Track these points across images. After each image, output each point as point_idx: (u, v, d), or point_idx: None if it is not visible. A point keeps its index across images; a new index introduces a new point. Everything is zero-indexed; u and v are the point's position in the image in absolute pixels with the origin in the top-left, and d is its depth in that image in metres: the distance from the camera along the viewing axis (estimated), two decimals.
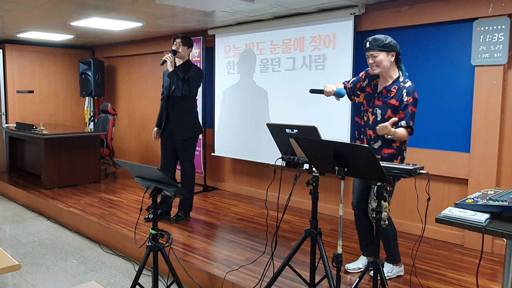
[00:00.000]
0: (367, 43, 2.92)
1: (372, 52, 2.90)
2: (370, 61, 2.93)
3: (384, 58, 2.90)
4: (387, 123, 2.76)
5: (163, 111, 4.43)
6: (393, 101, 2.91)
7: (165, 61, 4.20)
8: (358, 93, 3.14)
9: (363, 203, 3.14)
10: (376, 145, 2.98)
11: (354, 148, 2.17)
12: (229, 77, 5.67)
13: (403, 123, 2.86)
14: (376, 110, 2.97)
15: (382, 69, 2.93)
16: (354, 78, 3.21)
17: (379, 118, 2.95)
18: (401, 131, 2.84)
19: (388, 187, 2.96)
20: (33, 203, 5.66)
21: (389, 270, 3.17)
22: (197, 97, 4.56)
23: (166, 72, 4.42)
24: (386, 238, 3.10)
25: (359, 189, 3.16)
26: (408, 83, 2.92)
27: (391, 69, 2.96)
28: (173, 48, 4.31)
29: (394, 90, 2.92)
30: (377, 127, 2.80)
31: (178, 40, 4.31)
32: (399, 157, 3.00)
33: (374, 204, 2.96)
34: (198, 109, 5.84)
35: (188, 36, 4.40)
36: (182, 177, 4.48)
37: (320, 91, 3.03)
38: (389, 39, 2.91)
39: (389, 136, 2.83)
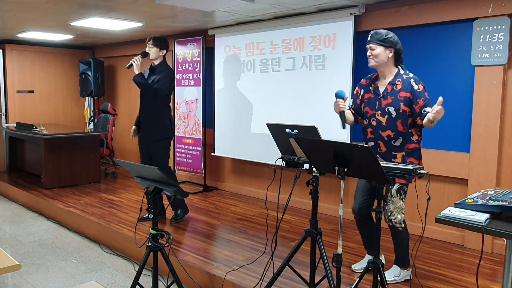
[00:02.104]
0: (369, 36, 2.95)
1: (371, 45, 2.92)
2: (368, 53, 2.95)
3: (382, 52, 2.90)
4: (439, 106, 2.59)
5: (139, 108, 4.45)
6: (403, 94, 2.88)
7: (131, 65, 4.18)
8: (361, 107, 3.10)
9: (366, 209, 3.09)
10: (398, 142, 2.92)
11: (354, 148, 2.17)
12: (229, 77, 5.66)
13: (428, 109, 2.77)
14: (387, 109, 2.91)
15: (377, 62, 2.93)
16: (352, 99, 3.20)
17: (394, 115, 2.89)
18: (439, 110, 2.64)
19: (405, 187, 2.95)
20: (33, 203, 5.66)
21: (397, 274, 3.11)
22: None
23: (146, 71, 4.41)
24: (401, 240, 3.05)
25: (364, 194, 3.10)
26: (411, 74, 2.93)
27: (390, 66, 2.95)
28: (146, 49, 4.29)
29: (399, 83, 2.91)
30: (434, 112, 2.60)
31: (149, 42, 4.28)
32: (419, 159, 2.97)
33: (391, 207, 2.95)
34: (200, 110, 5.90)
35: (161, 37, 4.33)
36: None
37: (342, 117, 2.94)
38: (390, 34, 2.91)
39: (432, 120, 2.65)
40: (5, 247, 4.27)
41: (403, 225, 2.99)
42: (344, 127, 2.97)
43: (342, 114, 2.93)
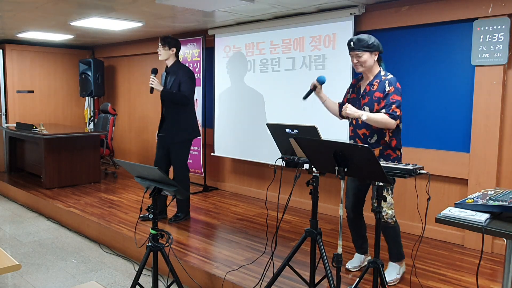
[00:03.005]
0: (351, 43, 2.97)
1: (357, 52, 2.96)
2: (354, 61, 3.00)
3: (368, 58, 2.97)
4: (348, 104, 2.92)
5: (162, 110, 4.47)
6: (377, 94, 2.97)
7: (152, 88, 4.23)
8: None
9: (359, 207, 3.20)
10: (373, 140, 3.00)
11: (354, 148, 2.17)
12: (229, 77, 5.67)
13: (383, 111, 2.91)
14: (363, 108, 3.01)
15: (365, 68, 3.00)
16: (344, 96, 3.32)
17: None
18: (376, 115, 2.89)
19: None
20: (33, 203, 5.66)
21: (398, 272, 3.12)
22: (195, 98, 4.54)
23: (163, 75, 4.43)
24: (394, 235, 3.09)
25: (354, 192, 3.17)
26: (390, 75, 3.00)
27: (373, 67, 3.03)
28: (158, 51, 4.33)
29: (376, 84, 3.00)
30: (344, 107, 2.91)
31: (159, 44, 4.28)
32: (397, 150, 3.02)
33: (383, 204, 2.98)
34: (200, 110, 5.90)
35: (169, 36, 4.32)
36: (174, 179, 4.46)
37: (310, 91, 3.12)
38: (372, 39, 2.97)
39: (362, 118, 2.85)
40: (5, 247, 4.27)
41: (394, 219, 3.06)
42: (304, 98, 3.14)
43: (312, 90, 3.11)
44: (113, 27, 5.71)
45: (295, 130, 2.64)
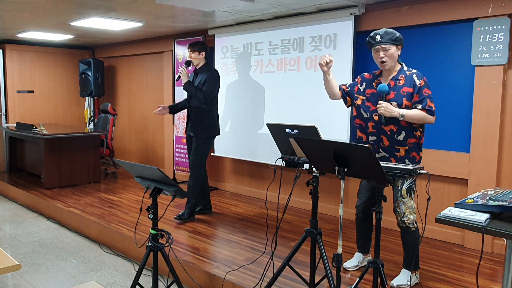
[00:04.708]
0: (378, 37, 2.86)
1: (384, 46, 2.85)
2: (381, 55, 2.86)
3: (395, 52, 2.88)
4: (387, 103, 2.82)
5: (187, 108, 4.63)
6: (405, 89, 2.87)
7: (179, 77, 4.45)
8: (356, 96, 3.09)
9: (370, 207, 3.07)
10: (401, 137, 2.89)
11: (354, 148, 2.17)
12: (229, 77, 5.67)
13: (419, 106, 2.83)
14: (390, 103, 2.87)
15: (391, 63, 2.89)
16: (351, 82, 3.21)
17: None
18: (414, 112, 2.81)
19: (413, 186, 2.91)
20: (33, 203, 5.66)
21: (408, 279, 3.00)
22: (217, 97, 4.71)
23: (191, 75, 4.62)
24: (413, 242, 2.96)
25: (369, 192, 3.11)
26: (414, 70, 2.92)
27: (396, 63, 2.95)
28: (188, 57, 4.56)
29: (403, 79, 2.90)
30: (379, 106, 2.80)
31: (188, 50, 4.50)
32: (420, 152, 2.97)
33: (403, 208, 2.92)
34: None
35: (197, 41, 4.56)
36: (190, 175, 4.62)
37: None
38: (397, 33, 2.90)
39: (400, 118, 2.79)
40: (5, 247, 4.27)
41: (415, 225, 2.96)
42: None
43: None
44: (113, 27, 5.71)
45: (295, 130, 2.64)
